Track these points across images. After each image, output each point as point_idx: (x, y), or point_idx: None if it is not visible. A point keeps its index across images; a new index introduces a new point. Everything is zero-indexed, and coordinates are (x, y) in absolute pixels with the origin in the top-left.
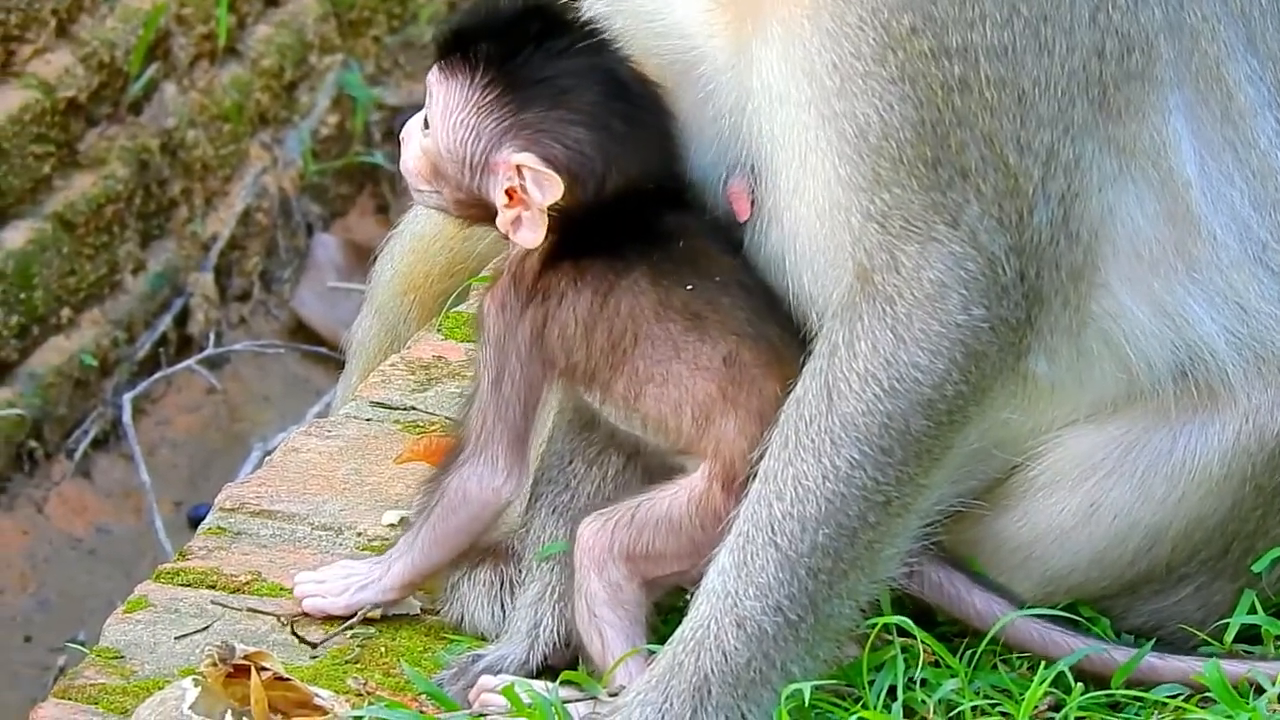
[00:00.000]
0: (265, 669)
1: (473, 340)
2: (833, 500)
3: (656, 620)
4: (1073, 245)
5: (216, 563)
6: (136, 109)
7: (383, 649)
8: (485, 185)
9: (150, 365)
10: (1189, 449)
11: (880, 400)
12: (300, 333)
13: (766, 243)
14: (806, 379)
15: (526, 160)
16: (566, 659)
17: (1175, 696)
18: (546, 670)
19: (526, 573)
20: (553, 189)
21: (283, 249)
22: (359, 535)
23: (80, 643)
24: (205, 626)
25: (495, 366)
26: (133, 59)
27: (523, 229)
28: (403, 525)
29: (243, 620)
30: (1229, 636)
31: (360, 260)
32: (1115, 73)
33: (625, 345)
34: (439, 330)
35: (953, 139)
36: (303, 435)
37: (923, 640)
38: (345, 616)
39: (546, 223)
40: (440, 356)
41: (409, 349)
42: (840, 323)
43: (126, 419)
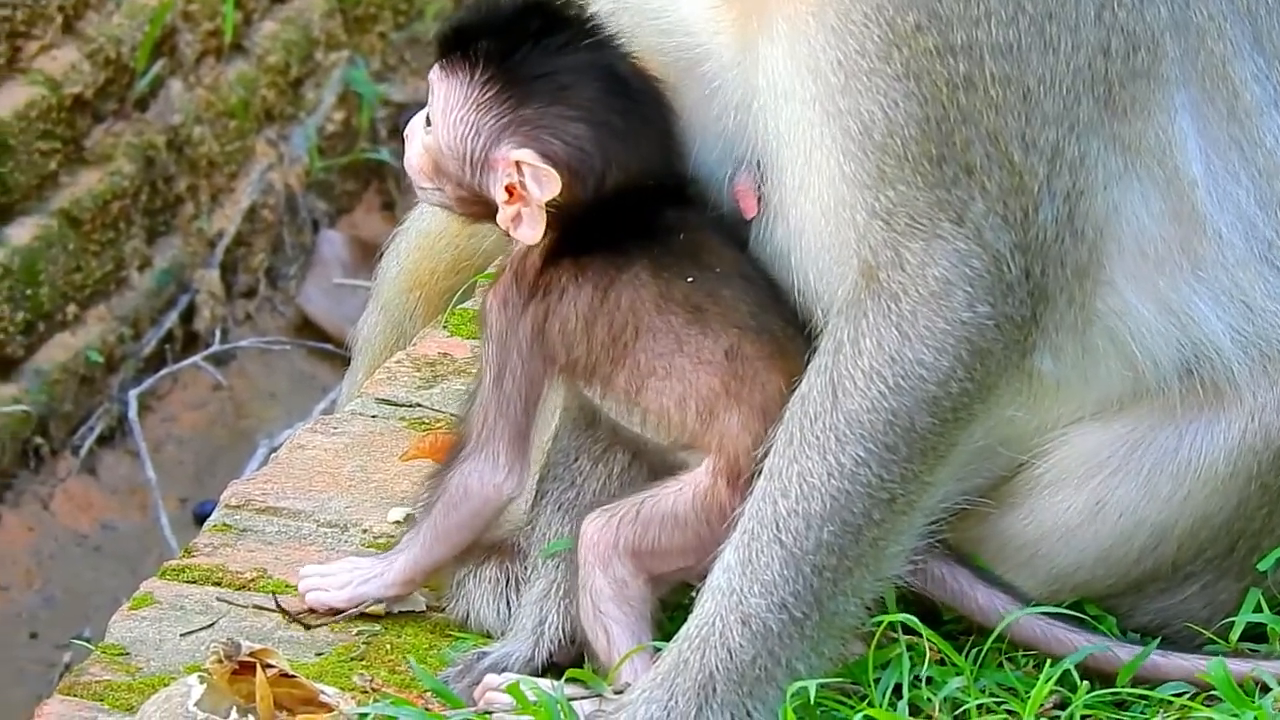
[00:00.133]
0: (271, 666)
1: (478, 337)
2: (838, 497)
3: (662, 617)
4: (1078, 243)
5: (222, 559)
6: (143, 105)
7: (388, 646)
8: (485, 182)
9: (156, 362)
10: (1195, 447)
11: (885, 397)
12: (306, 329)
13: (772, 239)
14: (811, 375)
15: (525, 156)
16: (572, 656)
17: (1181, 695)
18: (552, 667)
19: (532, 570)
20: (551, 185)
21: (288, 245)
22: (364, 532)
23: (86, 639)
24: (211, 623)
25: (497, 363)
26: (139, 55)
27: (523, 225)
28: (408, 522)
29: (248, 617)
30: (1235, 635)
31: (366, 257)
32: (1120, 71)
33: (626, 338)
34: (445, 327)
35: (957, 136)
36: (308, 432)
37: (928, 638)
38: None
39: (545, 219)
40: (446, 353)
41: (415, 346)
42: (845, 320)
43: (132, 415)
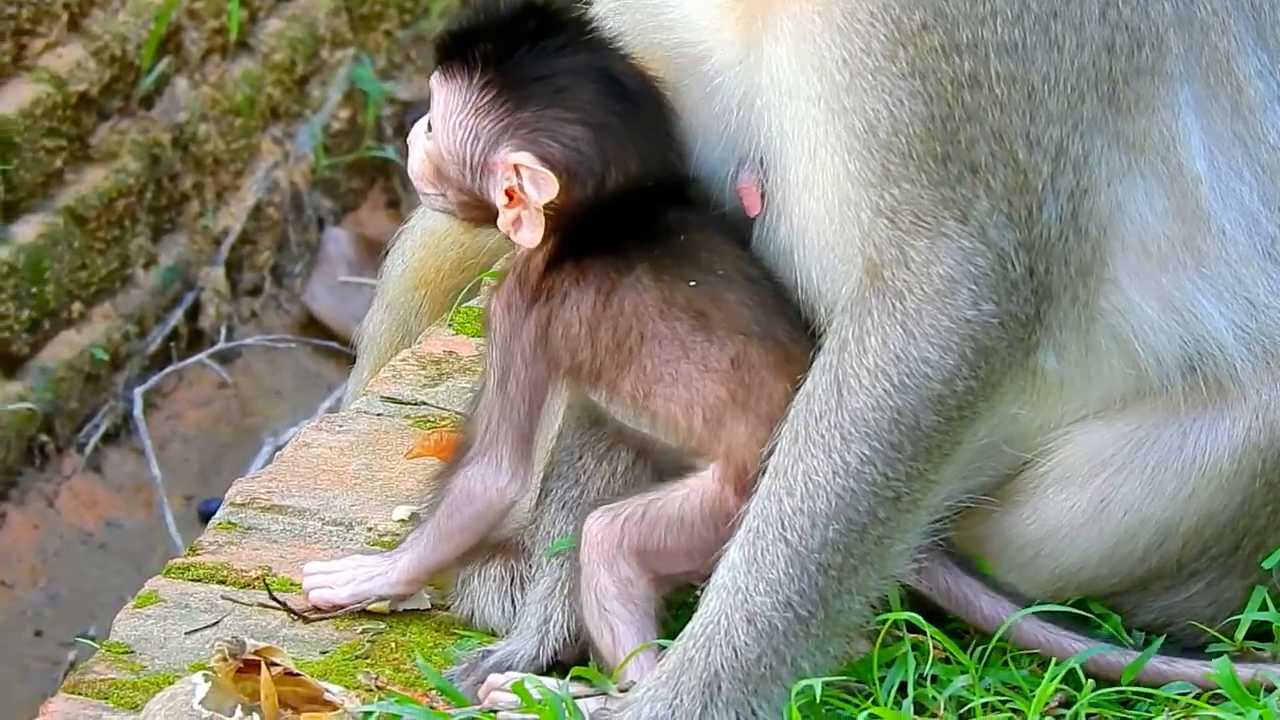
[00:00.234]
0: (275, 664)
1: (483, 336)
2: (843, 496)
3: (667, 615)
4: (1082, 241)
5: (227, 558)
6: (148, 103)
7: (393, 644)
8: (485, 186)
9: (161, 360)
10: (1199, 445)
11: (890, 395)
12: (311, 327)
13: (775, 237)
14: (816, 374)
15: (523, 159)
16: (576, 654)
17: (1186, 694)
18: (557, 666)
19: (536, 568)
20: (549, 187)
21: (294, 243)
22: (369, 530)
23: (90, 637)
24: (215, 621)
25: (501, 367)
26: (144, 53)
27: (523, 229)
28: (413, 520)
29: (253, 615)
30: (1240, 633)
31: (371, 255)
32: (1125, 68)
33: (631, 344)
34: (450, 325)
35: (962, 134)
36: (313, 430)
37: (933, 636)
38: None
39: (545, 222)
40: (451, 351)
41: (420, 344)
42: (850, 318)
43: (137, 413)
